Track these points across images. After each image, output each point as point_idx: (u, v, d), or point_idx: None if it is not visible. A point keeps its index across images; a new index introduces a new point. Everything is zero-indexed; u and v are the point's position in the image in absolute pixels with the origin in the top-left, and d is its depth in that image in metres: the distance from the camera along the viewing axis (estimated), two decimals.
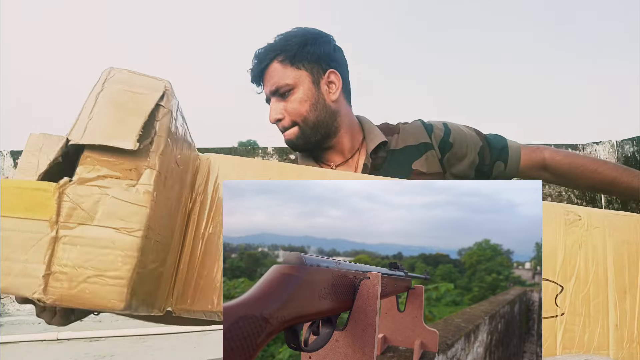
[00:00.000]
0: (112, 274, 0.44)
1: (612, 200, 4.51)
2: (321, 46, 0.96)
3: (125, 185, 0.47)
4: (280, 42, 0.95)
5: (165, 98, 0.51)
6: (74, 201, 0.45)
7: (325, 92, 0.96)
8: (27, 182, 0.47)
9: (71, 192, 0.46)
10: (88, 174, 0.46)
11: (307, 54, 0.94)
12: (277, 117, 0.95)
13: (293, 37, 0.95)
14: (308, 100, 0.94)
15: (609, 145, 4.61)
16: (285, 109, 0.95)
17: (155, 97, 0.51)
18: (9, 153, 3.96)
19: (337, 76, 0.98)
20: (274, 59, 0.94)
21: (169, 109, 0.52)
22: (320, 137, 0.98)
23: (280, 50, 0.94)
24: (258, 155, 4.11)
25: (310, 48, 0.95)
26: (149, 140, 0.49)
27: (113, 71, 0.51)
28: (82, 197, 0.46)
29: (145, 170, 0.48)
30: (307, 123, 0.95)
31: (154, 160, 0.49)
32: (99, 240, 0.45)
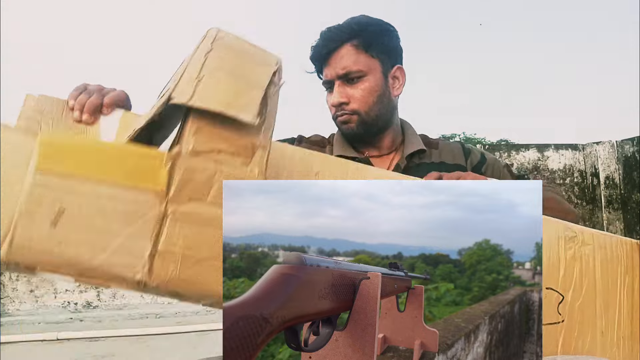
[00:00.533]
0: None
1: (612, 200, 4.51)
2: (394, 40, 0.95)
3: (240, 163, 0.42)
4: (355, 27, 0.91)
5: (277, 74, 0.46)
6: (188, 174, 0.40)
7: (390, 86, 0.95)
8: (133, 147, 0.41)
9: (184, 163, 0.40)
10: (203, 145, 0.40)
11: (382, 45, 0.92)
12: (342, 100, 0.92)
13: (369, 25, 0.92)
14: (377, 90, 0.92)
15: (609, 145, 4.61)
16: (351, 94, 0.92)
17: (270, 71, 0.45)
18: None
19: (402, 72, 0.97)
20: (347, 41, 0.91)
21: (279, 86, 0.47)
22: (376, 130, 0.96)
23: (355, 34, 0.91)
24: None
25: (386, 39, 0.93)
26: (262, 117, 0.44)
27: (221, 33, 0.45)
28: (196, 170, 0.40)
29: (258, 149, 0.43)
30: (370, 113, 0.93)
31: (265, 139, 0.44)
32: (212, 220, 0.40)
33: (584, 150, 4.88)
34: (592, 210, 4.51)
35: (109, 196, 0.38)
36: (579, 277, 0.72)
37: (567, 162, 4.84)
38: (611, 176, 4.62)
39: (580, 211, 4.40)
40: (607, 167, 4.61)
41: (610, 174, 4.63)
